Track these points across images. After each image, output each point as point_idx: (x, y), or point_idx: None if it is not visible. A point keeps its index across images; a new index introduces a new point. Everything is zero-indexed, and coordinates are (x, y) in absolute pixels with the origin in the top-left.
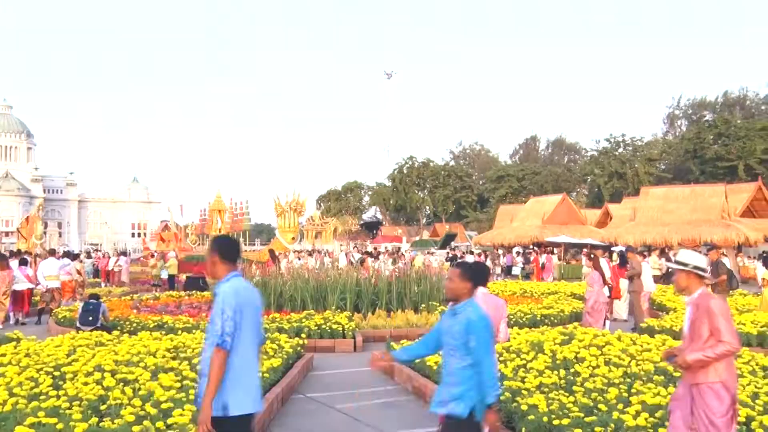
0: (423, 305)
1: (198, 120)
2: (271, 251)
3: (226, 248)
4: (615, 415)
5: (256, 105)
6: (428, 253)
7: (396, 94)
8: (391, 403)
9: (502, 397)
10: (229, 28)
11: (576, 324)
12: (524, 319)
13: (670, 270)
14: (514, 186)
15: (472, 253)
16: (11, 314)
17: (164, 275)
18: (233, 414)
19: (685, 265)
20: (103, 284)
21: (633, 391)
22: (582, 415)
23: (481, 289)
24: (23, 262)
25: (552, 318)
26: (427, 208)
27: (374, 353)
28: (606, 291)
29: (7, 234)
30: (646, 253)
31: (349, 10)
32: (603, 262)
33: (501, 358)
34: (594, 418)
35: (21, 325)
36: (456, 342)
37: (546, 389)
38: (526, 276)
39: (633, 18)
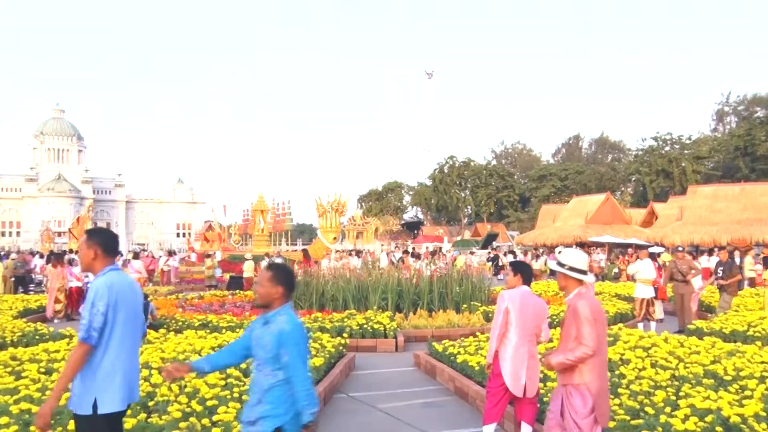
0: (465, 305)
1: (242, 121)
2: (305, 251)
3: (107, 242)
4: (663, 418)
5: (300, 106)
6: (470, 253)
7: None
8: (432, 403)
9: (545, 399)
10: (274, 32)
11: (621, 325)
12: None
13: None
14: (557, 185)
15: (513, 253)
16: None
17: (218, 274)
18: (102, 412)
19: (562, 265)
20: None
21: (681, 394)
22: (628, 418)
23: (523, 289)
24: (71, 262)
25: None
26: (469, 207)
27: (170, 365)
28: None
29: (59, 234)
30: (694, 254)
31: (390, 10)
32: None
33: (544, 359)
34: (641, 421)
35: (70, 320)
36: (266, 355)
37: None
38: None
39: (680, 13)
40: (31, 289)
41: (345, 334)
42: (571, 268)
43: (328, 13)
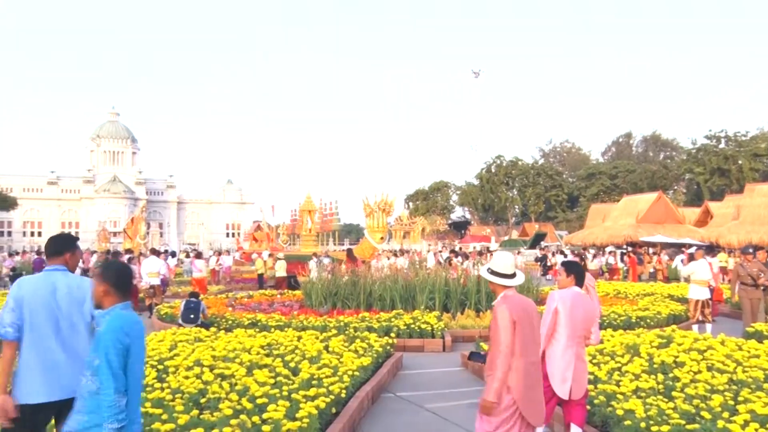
0: None
1: (291, 122)
2: (349, 251)
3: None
4: (720, 424)
5: (347, 106)
6: (517, 253)
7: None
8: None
9: (596, 401)
10: (318, 34)
11: (674, 327)
12: (618, 321)
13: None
14: (606, 184)
15: (562, 253)
16: None
17: (280, 274)
18: (20, 402)
19: (487, 269)
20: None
21: (740, 399)
22: (683, 422)
23: (575, 290)
24: (130, 260)
25: (648, 320)
26: (516, 207)
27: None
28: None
29: (115, 234)
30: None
31: (436, 9)
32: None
33: (594, 360)
34: (696, 426)
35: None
36: (87, 358)
37: (643, 394)
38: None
39: (731, 11)
40: None
41: (392, 334)
42: (494, 272)
43: (386, 11)
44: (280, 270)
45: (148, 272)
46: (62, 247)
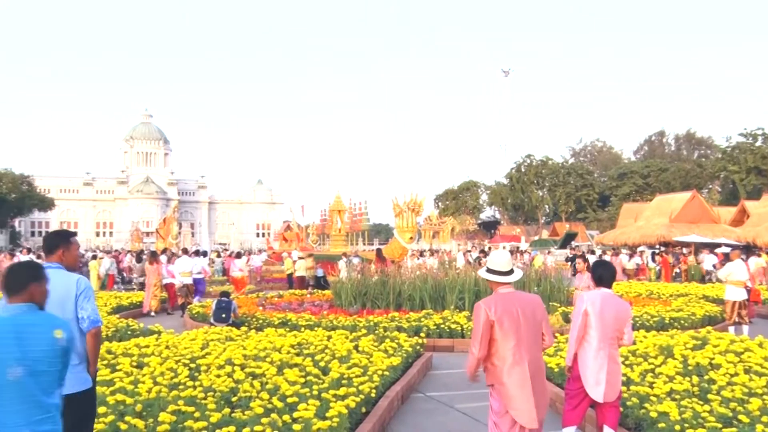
0: None
1: (319, 122)
2: (378, 251)
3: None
4: (759, 428)
5: (375, 105)
6: (548, 252)
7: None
8: None
9: (628, 403)
10: (346, 33)
11: (709, 328)
12: (651, 322)
13: None
14: (639, 183)
15: (593, 252)
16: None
17: (320, 274)
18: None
19: (486, 268)
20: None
21: None
22: (719, 425)
23: (603, 290)
24: (168, 260)
25: (682, 321)
26: (547, 206)
27: None
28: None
29: (147, 234)
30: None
31: (464, 7)
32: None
33: (627, 362)
34: (734, 429)
35: (169, 315)
36: None
37: (677, 396)
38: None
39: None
40: (122, 287)
41: (422, 334)
42: (489, 270)
43: (415, 9)
44: (300, 269)
45: (181, 272)
46: (54, 243)
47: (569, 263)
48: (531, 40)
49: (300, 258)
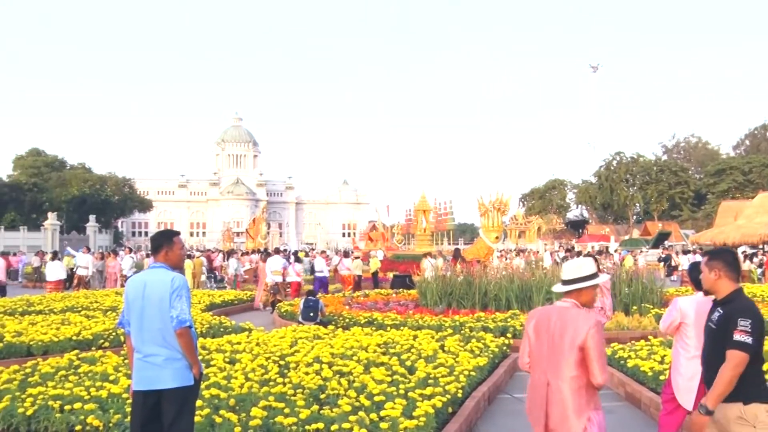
0: (635, 307)
1: (404, 122)
2: (456, 250)
3: (151, 242)
4: None
5: (460, 104)
6: (639, 252)
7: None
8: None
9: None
10: (437, 30)
11: None
12: None
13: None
14: (739, 180)
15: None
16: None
17: (356, 273)
18: (132, 389)
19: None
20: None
21: None
22: None
23: (700, 295)
24: (298, 260)
25: None
26: (637, 205)
27: None
28: None
29: (237, 234)
30: None
31: (551, 4)
32: None
33: None
34: None
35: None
36: None
37: None
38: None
39: None
40: (214, 285)
41: (508, 335)
42: (579, 279)
43: (500, 7)
44: (356, 269)
45: (273, 270)
46: (158, 243)
47: (662, 263)
48: (620, 34)
49: (356, 258)
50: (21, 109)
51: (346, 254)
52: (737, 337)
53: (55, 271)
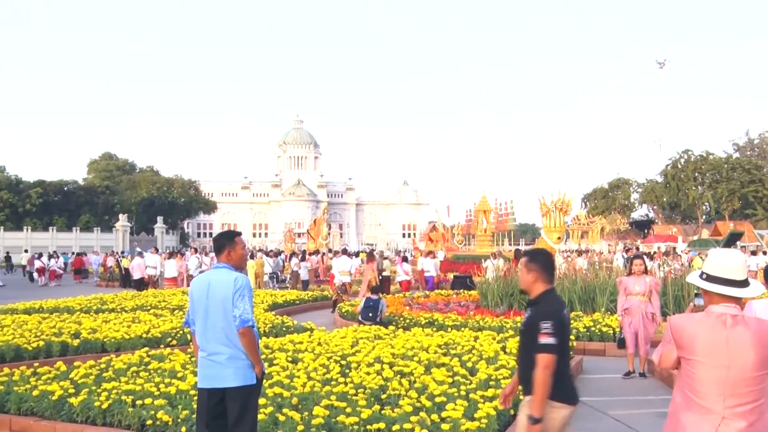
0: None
1: (465, 122)
2: (517, 251)
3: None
4: None
5: (520, 103)
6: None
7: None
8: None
9: None
10: (501, 32)
11: None
12: None
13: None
14: None
15: (765, 253)
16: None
17: (386, 274)
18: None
19: (700, 274)
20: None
21: None
22: None
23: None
24: (405, 259)
25: None
26: (707, 204)
27: None
28: None
29: (299, 235)
30: None
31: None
32: None
33: None
34: None
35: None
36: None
37: None
38: None
39: None
40: (277, 285)
41: (571, 337)
42: (710, 278)
43: (558, 6)
44: (387, 270)
45: (340, 270)
46: (220, 244)
47: None
48: (688, 29)
49: (385, 258)
50: (95, 114)
51: (405, 259)
52: (542, 340)
53: (171, 270)
